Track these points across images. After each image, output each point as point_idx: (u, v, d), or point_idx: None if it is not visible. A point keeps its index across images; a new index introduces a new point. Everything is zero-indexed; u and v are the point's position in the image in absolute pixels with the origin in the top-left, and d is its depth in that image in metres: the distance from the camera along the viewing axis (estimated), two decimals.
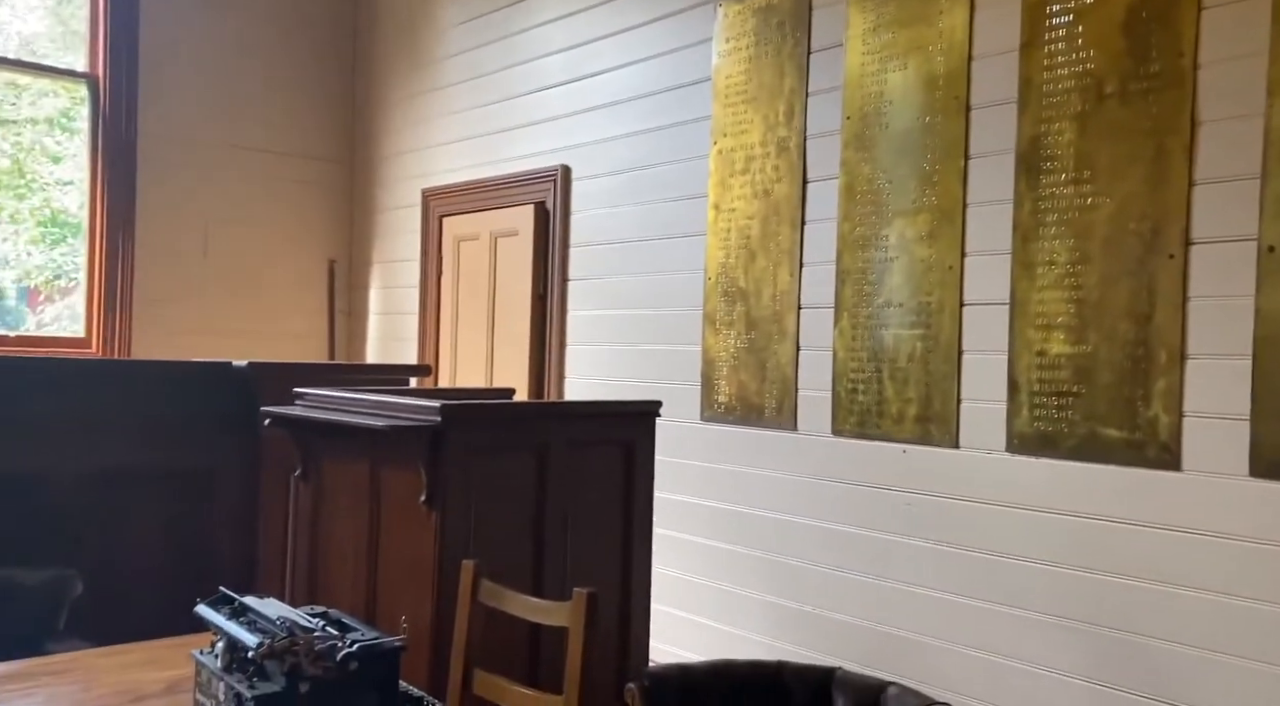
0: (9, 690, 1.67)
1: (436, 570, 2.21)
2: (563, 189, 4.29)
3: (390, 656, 1.49)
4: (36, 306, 5.87)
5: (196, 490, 3.06)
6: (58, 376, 3.03)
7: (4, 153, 5.75)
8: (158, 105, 5.06)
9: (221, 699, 1.44)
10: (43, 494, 2.75)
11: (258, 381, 3.05)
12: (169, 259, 5.11)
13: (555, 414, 2.65)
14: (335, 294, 5.70)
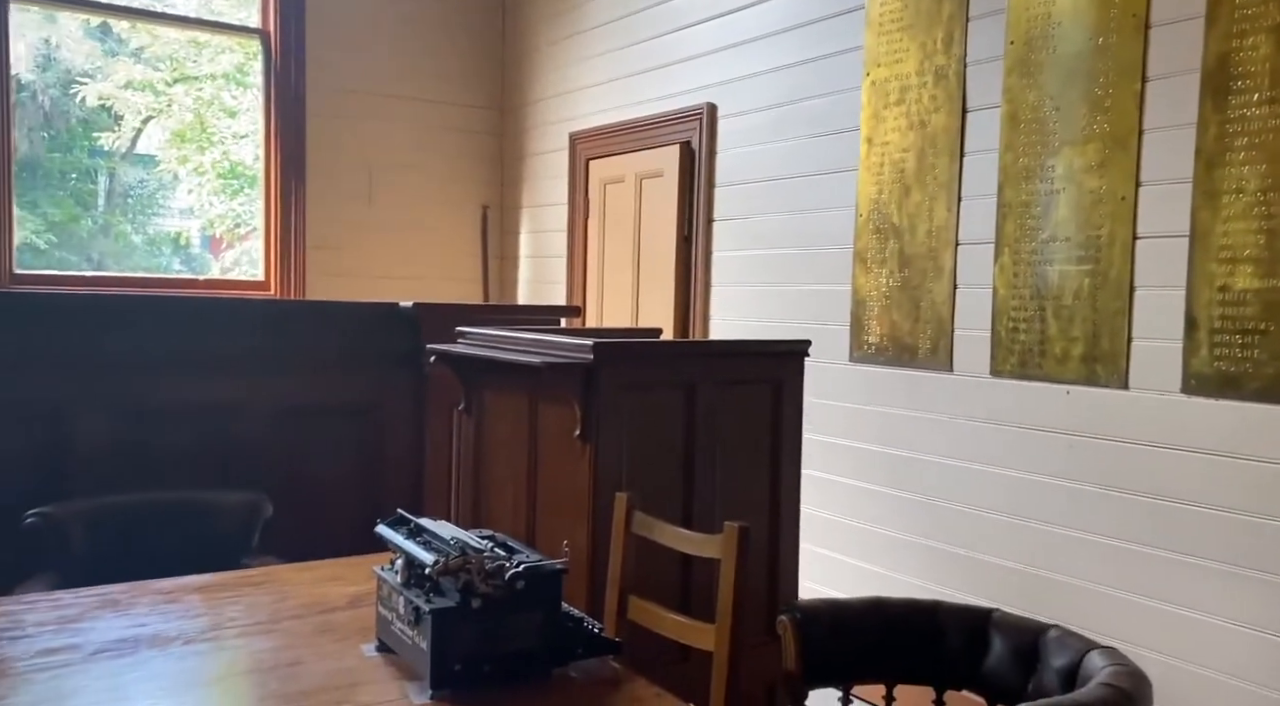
0: (218, 597, 1.86)
1: (591, 501, 2.29)
2: (708, 128, 4.26)
3: (553, 578, 1.57)
4: (218, 252, 6.33)
5: (368, 422, 3.26)
6: (245, 316, 3.27)
7: (187, 108, 6.17)
8: (323, 58, 5.30)
9: (401, 611, 1.55)
10: (237, 424, 2.99)
11: (422, 321, 3.20)
12: (336, 206, 5.39)
13: (704, 352, 2.67)
14: (488, 238, 5.88)
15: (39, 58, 5.82)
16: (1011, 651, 1.70)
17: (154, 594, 1.85)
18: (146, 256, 6.34)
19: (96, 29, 5.98)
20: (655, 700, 1.45)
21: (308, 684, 1.45)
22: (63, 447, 2.74)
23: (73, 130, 6.22)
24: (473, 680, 1.47)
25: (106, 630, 1.64)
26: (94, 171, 6.53)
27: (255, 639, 1.64)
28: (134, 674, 1.47)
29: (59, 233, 6.06)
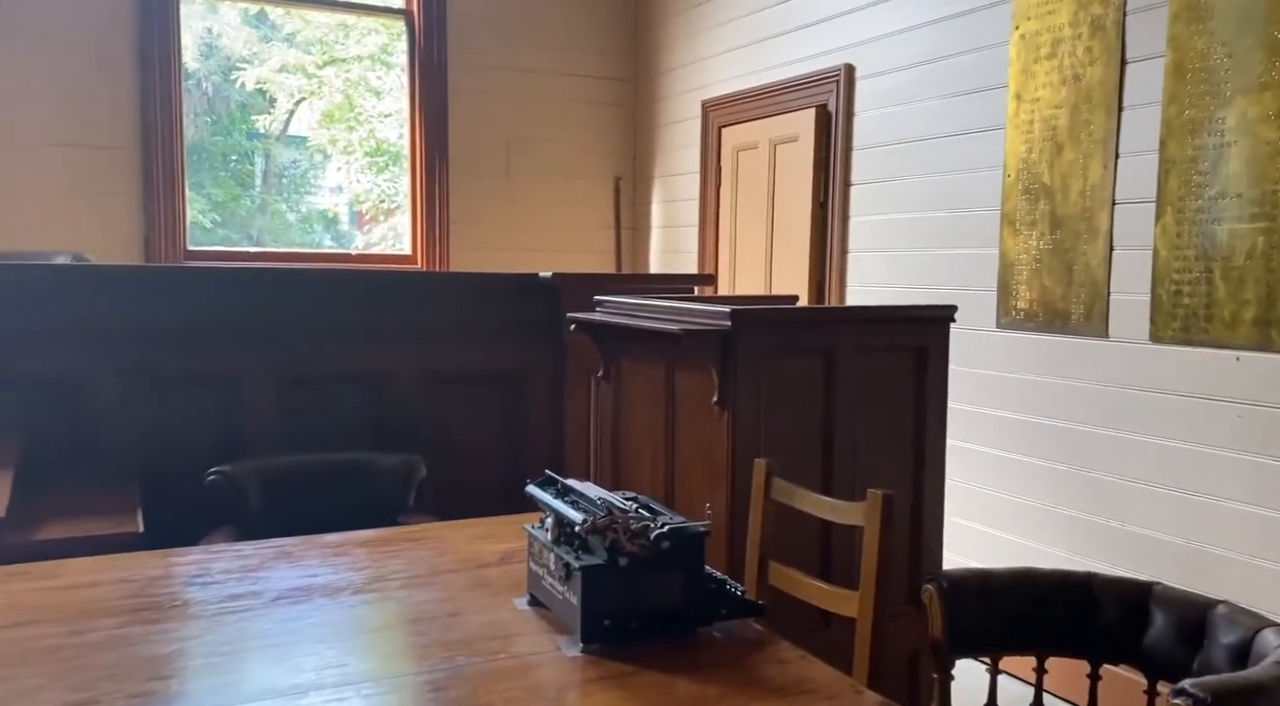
0: (380, 551, 1.97)
1: (729, 466, 2.30)
2: (845, 90, 4.16)
3: (697, 540, 1.59)
4: (364, 227, 6.62)
5: (511, 388, 3.36)
6: (395, 289, 3.42)
7: (337, 89, 6.46)
8: (463, 36, 5.45)
9: (552, 567, 1.61)
10: (389, 390, 3.15)
11: (561, 291, 3.28)
12: (476, 180, 5.55)
13: (844, 318, 2.64)
14: (620, 209, 5.94)
15: (202, 46, 6.20)
16: (1175, 626, 1.62)
17: (323, 547, 1.98)
18: (300, 233, 6.70)
19: (253, 17, 6.32)
20: (800, 662, 1.46)
21: (467, 633, 1.53)
22: (236, 412, 2.95)
23: (232, 114, 6.62)
24: (621, 635, 1.52)
25: (283, 579, 1.77)
26: (251, 153, 6.93)
27: (416, 591, 1.74)
28: (309, 619, 1.58)
29: (222, 212, 6.47)
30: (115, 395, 2.79)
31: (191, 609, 1.60)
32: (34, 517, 2.23)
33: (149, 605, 1.61)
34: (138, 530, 2.21)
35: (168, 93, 4.83)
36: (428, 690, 1.33)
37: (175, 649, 1.44)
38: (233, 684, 1.32)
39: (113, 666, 1.35)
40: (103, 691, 1.27)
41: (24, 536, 2.11)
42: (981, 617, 1.77)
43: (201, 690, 1.31)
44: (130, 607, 1.58)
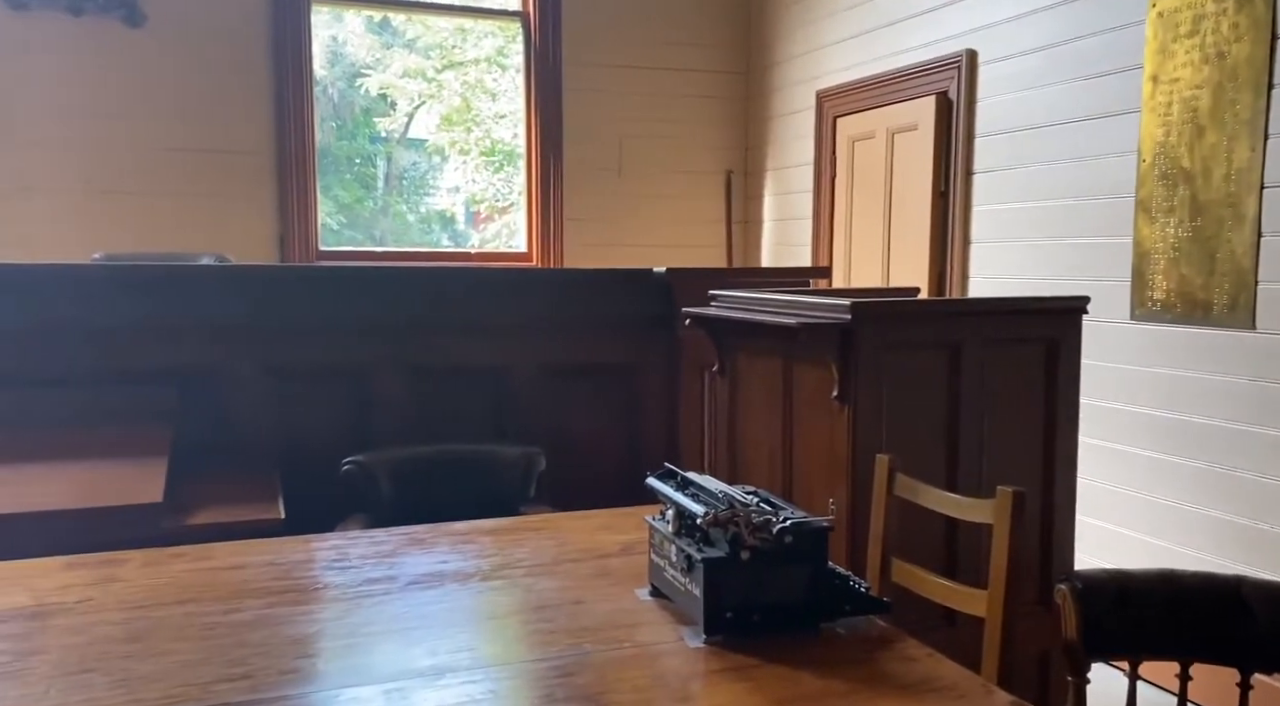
0: (505, 540, 2.03)
1: (849, 462, 2.28)
2: (967, 76, 4.04)
3: (820, 535, 1.58)
4: (480, 226, 6.79)
5: (625, 382, 3.40)
6: (514, 285, 3.51)
7: (455, 92, 6.64)
8: (577, 35, 5.53)
9: (673, 559, 1.63)
10: (510, 383, 3.23)
11: (674, 286, 3.29)
12: (590, 178, 5.63)
13: (970, 311, 2.57)
14: (731, 203, 5.92)
15: (328, 54, 6.46)
16: None
17: (451, 534, 2.04)
18: (420, 233, 6.92)
19: (376, 24, 6.55)
20: (928, 660, 1.44)
21: (591, 621, 1.56)
22: (367, 403, 3.07)
23: (356, 119, 6.88)
24: (744, 628, 1.52)
25: (415, 565, 1.84)
26: (374, 156, 7.19)
27: (540, 578, 1.78)
28: (442, 604, 1.64)
29: (348, 214, 6.73)
30: (257, 388, 2.95)
31: (332, 592, 1.68)
32: (186, 503, 2.38)
33: (294, 587, 1.69)
34: (279, 516, 2.34)
35: (299, 100, 5.06)
36: (556, 675, 1.36)
37: (319, 629, 1.52)
38: (373, 664, 1.38)
39: (262, 644, 1.43)
40: (255, 667, 1.34)
41: (179, 521, 2.25)
42: (1118, 620, 1.70)
43: (344, 669, 1.37)
44: (277, 589, 1.67)
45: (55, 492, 2.26)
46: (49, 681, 1.26)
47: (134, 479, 2.32)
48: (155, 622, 1.48)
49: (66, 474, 2.37)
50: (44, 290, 2.84)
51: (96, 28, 4.66)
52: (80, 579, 1.67)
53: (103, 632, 1.43)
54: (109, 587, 1.63)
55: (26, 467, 2.41)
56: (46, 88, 4.64)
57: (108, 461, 2.45)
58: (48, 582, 1.64)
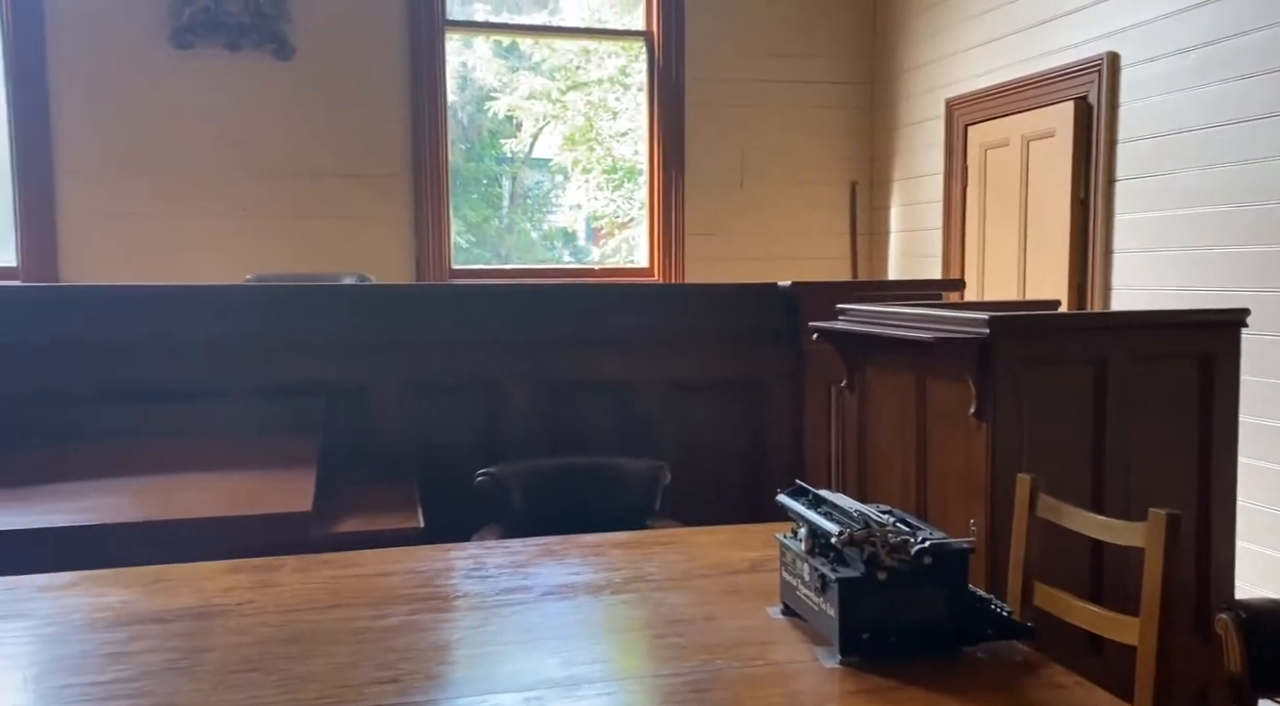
0: (633, 553, 2.05)
1: (988, 481, 2.20)
2: (1109, 79, 3.87)
3: (960, 556, 1.54)
4: (600, 241, 6.89)
5: (749, 397, 3.39)
6: (637, 300, 3.55)
7: (579, 112, 6.78)
8: (700, 52, 5.57)
9: (806, 578, 1.61)
10: (635, 397, 3.27)
11: (800, 299, 3.26)
12: (711, 192, 5.64)
13: (1116, 324, 2.45)
14: (857, 215, 5.83)
15: (459, 79, 6.70)
16: None
17: (582, 547, 2.08)
18: (543, 249, 7.07)
19: (504, 49, 6.76)
20: (1078, 689, 1.38)
21: (724, 638, 1.56)
22: (498, 416, 3.16)
23: (484, 140, 7.10)
24: (880, 650, 1.49)
25: (549, 575, 1.88)
26: (500, 176, 7.40)
27: (671, 593, 1.79)
28: (575, 615, 1.67)
29: (476, 232, 6.94)
30: (396, 401, 3.07)
31: (471, 600, 1.73)
32: (332, 512, 2.50)
33: (435, 595, 1.76)
34: (419, 525, 2.43)
35: (434, 125, 5.27)
36: (690, 690, 1.37)
37: (460, 636, 1.57)
38: (512, 672, 1.42)
39: (408, 649, 1.49)
40: (403, 671, 1.40)
41: (327, 529, 2.37)
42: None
43: (485, 676, 1.41)
44: (420, 596, 1.74)
45: (215, 500, 2.41)
46: (217, 678, 1.35)
47: (285, 488, 2.46)
48: (310, 626, 1.56)
49: (224, 482, 2.53)
50: (201, 309, 3.05)
51: (250, 61, 4.98)
52: (241, 582, 1.77)
53: (263, 634, 1.52)
54: (267, 591, 1.73)
55: (188, 477, 2.57)
56: (205, 118, 4.97)
57: (261, 471, 2.59)
58: (212, 585, 1.75)
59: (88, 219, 4.84)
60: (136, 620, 1.56)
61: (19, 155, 4.77)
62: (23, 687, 1.33)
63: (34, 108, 4.77)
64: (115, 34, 4.83)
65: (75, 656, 1.42)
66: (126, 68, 4.85)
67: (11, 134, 4.78)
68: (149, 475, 2.54)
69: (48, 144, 4.79)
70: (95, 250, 4.85)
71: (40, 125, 4.77)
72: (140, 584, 1.74)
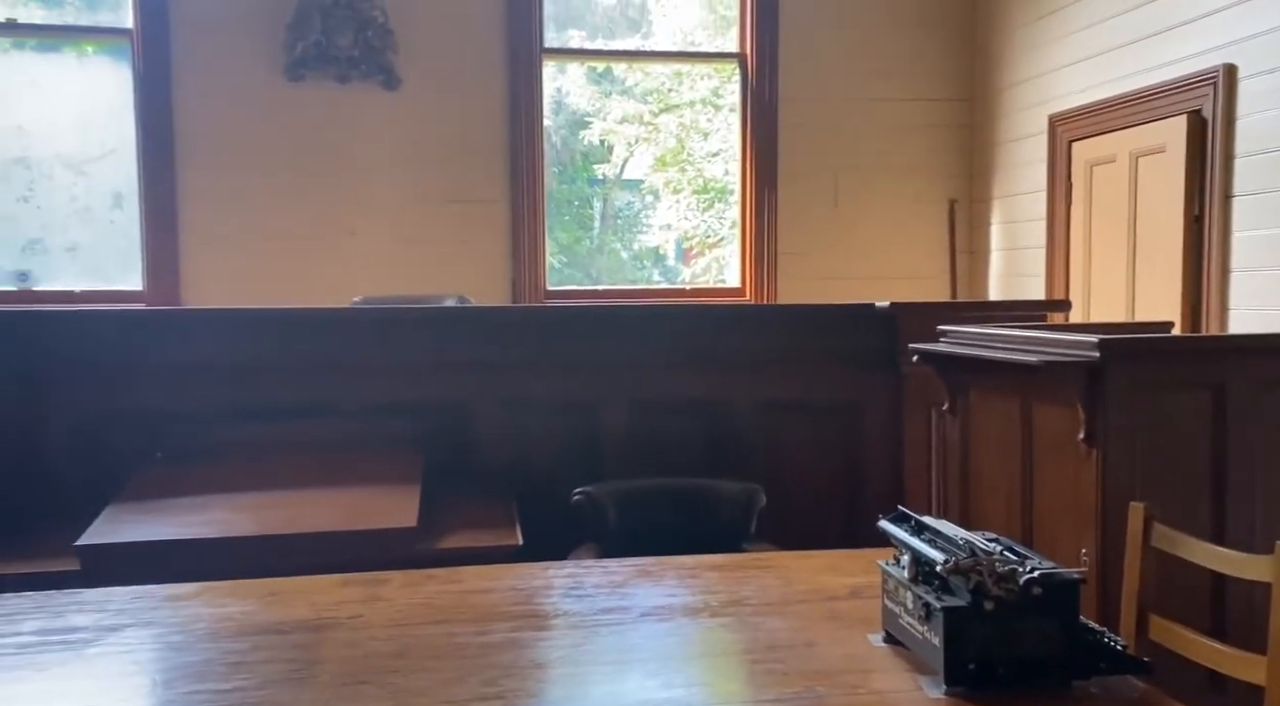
0: (730, 576, 2.04)
1: (1098, 510, 2.13)
2: (1225, 92, 3.72)
3: (1071, 587, 1.50)
4: (690, 261, 6.90)
5: (845, 419, 3.34)
6: (730, 320, 3.55)
7: (670, 134, 6.83)
8: (794, 72, 5.56)
9: (910, 606, 1.58)
10: (728, 418, 3.26)
11: (899, 320, 3.22)
12: (804, 211, 5.61)
13: (1234, 348, 2.35)
14: (955, 233, 5.71)
15: (553, 104, 6.83)
16: None
17: (679, 568, 2.08)
18: (632, 269, 7.12)
19: (597, 74, 6.86)
20: None
21: (824, 665, 1.54)
22: (594, 435, 3.19)
23: (575, 164, 7.21)
24: (987, 681, 1.46)
25: (647, 597, 1.89)
26: (591, 198, 7.50)
27: (769, 618, 1.78)
28: (674, 637, 1.68)
29: (568, 253, 7.04)
30: (495, 419, 3.13)
31: (570, 619, 1.75)
32: (435, 528, 2.57)
33: (535, 612, 1.79)
34: (517, 543, 2.47)
35: (531, 151, 5.40)
36: None
37: (561, 655, 1.59)
38: (613, 692, 1.43)
39: (510, 666, 1.52)
40: (506, 688, 1.43)
41: (430, 544, 2.43)
42: None
43: (586, 696, 1.43)
44: (520, 613, 1.77)
45: (325, 515, 2.50)
46: (331, 690, 1.40)
47: (391, 503, 2.53)
48: (416, 640, 1.61)
49: (334, 498, 2.62)
50: (311, 330, 3.17)
51: (359, 92, 5.18)
52: (351, 596, 1.83)
53: (372, 647, 1.57)
54: (375, 605, 1.79)
55: (300, 493, 2.67)
56: (315, 147, 5.19)
57: (368, 487, 2.68)
58: (324, 598, 1.82)
59: (207, 245, 5.10)
60: (255, 631, 1.63)
61: (146, 185, 5.06)
62: (153, 692, 1.41)
63: (160, 141, 5.05)
64: (234, 70, 5.09)
65: (200, 664, 1.49)
66: (244, 101, 5.11)
67: (140, 166, 5.08)
68: (263, 490, 2.65)
69: (172, 175, 5.07)
70: (214, 275, 5.10)
71: (165, 157, 5.06)
72: (257, 596, 1.82)
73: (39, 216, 5.23)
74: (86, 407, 2.88)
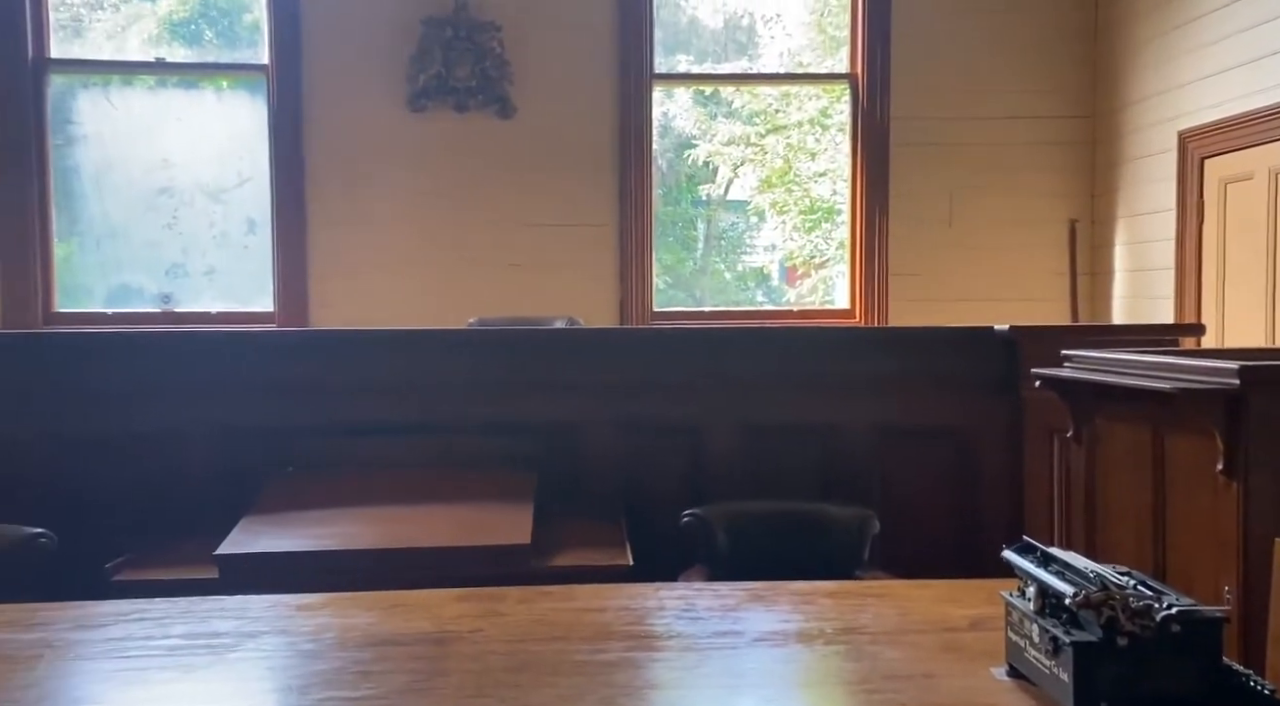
0: (844, 604, 2.01)
1: (1240, 545, 2.02)
2: None
3: (1213, 626, 1.42)
4: (795, 282, 6.85)
5: (960, 445, 3.26)
6: (839, 342, 3.53)
7: (777, 155, 6.82)
8: (906, 91, 5.50)
9: (1036, 640, 1.53)
10: (838, 442, 3.22)
11: (1020, 344, 3.12)
12: (916, 232, 5.52)
13: None
14: (1076, 254, 5.52)
15: (659, 127, 6.91)
16: None
17: (791, 594, 2.06)
18: (736, 290, 7.11)
19: (704, 96, 6.91)
20: None
21: (945, 698, 1.50)
22: (702, 457, 3.20)
23: (680, 185, 7.26)
24: None
25: (760, 621, 1.87)
26: (694, 219, 7.53)
27: (886, 647, 1.75)
28: (790, 664, 1.66)
29: (671, 274, 7.08)
30: (604, 440, 3.17)
31: (684, 641, 1.75)
32: (547, 545, 2.61)
33: (648, 633, 1.79)
34: (628, 563, 2.49)
35: (640, 175, 5.48)
36: None
37: (676, 677, 1.59)
38: None
39: (627, 685, 1.53)
40: None
41: (542, 562, 2.48)
42: None
43: None
44: (634, 633, 1.78)
45: (441, 530, 2.58)
46: (454, 701, 1.44)
47: (505, 521, 2.59)
48: (534, 656, 1.64)
49: (450, 514, 2.70)
50: (429, 351, 3.28)
51: (476, 121, 5.38)
52: (470, 610, 1.88)
53: (493, 662, 1.60)
54: (493, 620, 1.83)
55: (416, 508, 2.76)
56: (434, 174, 5.40)
57: (482, 503, 2.75)
58: (444, 612, 1.87)
59: (333, 269, 5.35)
60: (380, 641, 1.69)
61: (278, 212, 5.35)
62: (289, 697, 1.47)
63: (291, 170, 5.34)
64: (360, 102, 5.35)
65: (331, 672, 1.55)
66: (368, 131, 5.36)
67: (273, 193, 5.37)
68: (383, 505, 2.75)
69: (302, 201, 5.34)
70: (339, 297, 5.34)
71: (296, 185, 5.33)
72: (380, 607, 1.88)
73: (180, 242, 5.58)
74: (223, 423, 3.04)
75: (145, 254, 5.58)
